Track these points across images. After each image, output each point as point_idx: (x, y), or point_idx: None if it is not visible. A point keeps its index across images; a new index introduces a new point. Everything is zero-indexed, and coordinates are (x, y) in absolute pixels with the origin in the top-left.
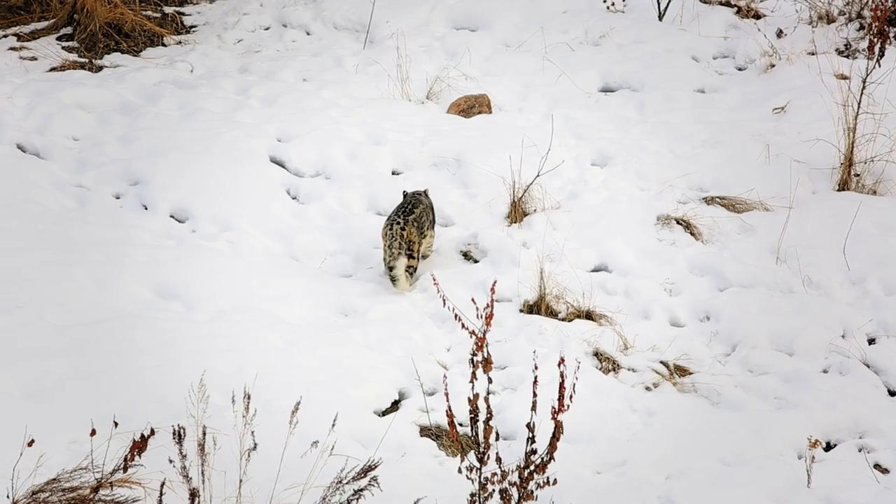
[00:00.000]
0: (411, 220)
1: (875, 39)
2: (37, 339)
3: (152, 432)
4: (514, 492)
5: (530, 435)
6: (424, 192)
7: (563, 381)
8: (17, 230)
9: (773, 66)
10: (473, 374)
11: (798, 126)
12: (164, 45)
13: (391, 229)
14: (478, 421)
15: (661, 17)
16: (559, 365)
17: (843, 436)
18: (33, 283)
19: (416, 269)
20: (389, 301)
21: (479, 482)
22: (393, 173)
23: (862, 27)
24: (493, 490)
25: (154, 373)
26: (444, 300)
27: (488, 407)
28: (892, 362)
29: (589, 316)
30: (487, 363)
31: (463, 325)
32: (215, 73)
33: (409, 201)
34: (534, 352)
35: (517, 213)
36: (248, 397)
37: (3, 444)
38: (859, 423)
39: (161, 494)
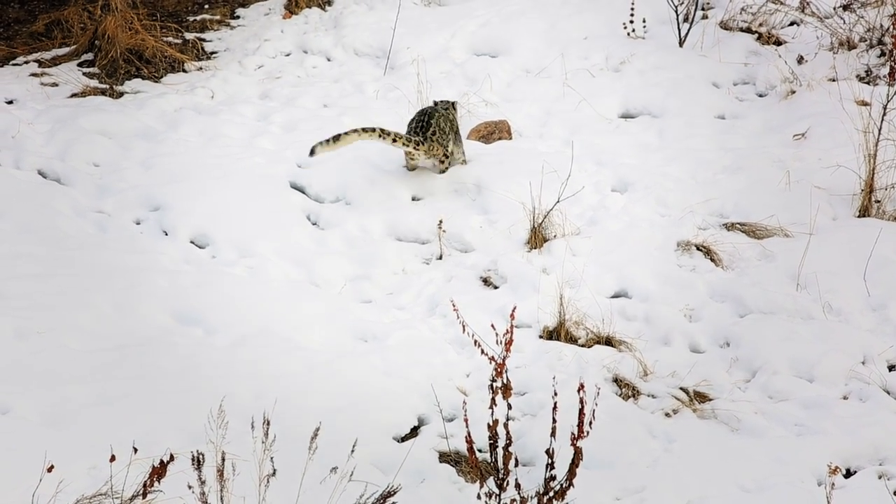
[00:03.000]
0: (429, 135)
1: (895, 66)
2: (57, 364)
3: (172, 458)
4: None
5: (550, 461)
6: (452, 103)
7: (582, 407)
8: (37, 256)
9: (793, 92)
10: (493, 399)
11: (819, 152)
12: (184, 70)
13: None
14: (497, 447)
15: (681, 44)
16: (579, 391)
17: (863, 462)
18: (54, 309)
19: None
20: (409, 327)
21: None
22: (413, 199)
23: (883, 53)
24: None
25: (174, 398)
26: (463, 326)
27: (507, 433)
28: None
29: (609, 342)
30: (507, 389)
31: (482, 351)
32: (236, 98)
33: (424, 113)
34: (553, 378)
35: (537, 239)
36: (268, 423)
37: (23, 469)
38: (879, 449)
39: None
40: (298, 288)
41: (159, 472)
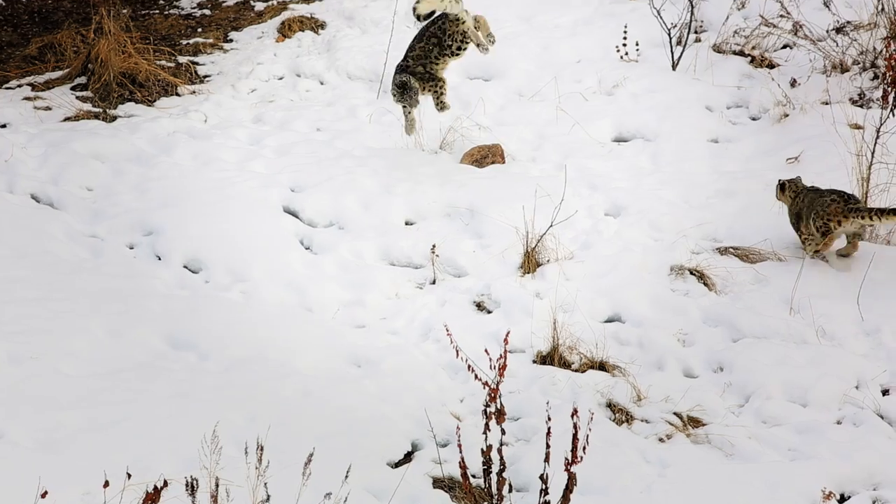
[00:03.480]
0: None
1: (889, 89)
2: (50, 389)
3: (165, 484)
4: None
5: (544, 487)
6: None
7: (576, 432)
8: (31, 280)
9: (786, 115)
10: (487, 425)
11: (812, 176)
12: (178, 94)
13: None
14: (491, 472)
15: (674, 67)
16: (572, 416)
17: (857, 487)
18: (47, 334)
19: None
20: (403, 352)
21: None
22: (406, 223)
23: (876, 77)
24: None
25: (167, 423)
26: (457, 351)
27: (501, 458)
28: None
29: (602, 367)
30: (501, 414)
31: (476, 377)
32: (229, 122)
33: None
34: (547, 403)
35: (530, 263)
36: (261, 448)
37: (16, 495)
38: (874, 474)
39: None
40: (292, 313)
41: (153, 497)
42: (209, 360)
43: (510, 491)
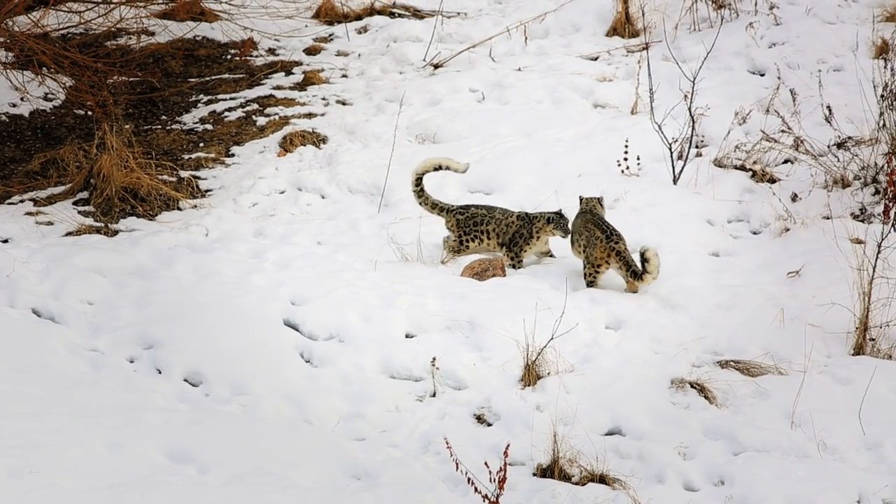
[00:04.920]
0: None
1: (890, 204)
2: None
3: None
4: None
5: None
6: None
7: None
8: (31, 395)
9: (787, 229)
10: None
11: (813, 290)
12: (179, 208)
13: None
14: None
15: (675, 181)
16: None
17: None
18: (47, 448)
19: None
20: (403, 465)
21: None
22: (406, 336)
23: (877, 192)
24: None
25: None
26: (457, 464)
27: None
28: None
29: (602, 480)
30: None
31: (476, 489)
32: (230, 236)
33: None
34: None
35: (531, 376)
36: None
37: None
38: None
39: None
40: (292, 425)
41: None
42: (208, 474)
43: None
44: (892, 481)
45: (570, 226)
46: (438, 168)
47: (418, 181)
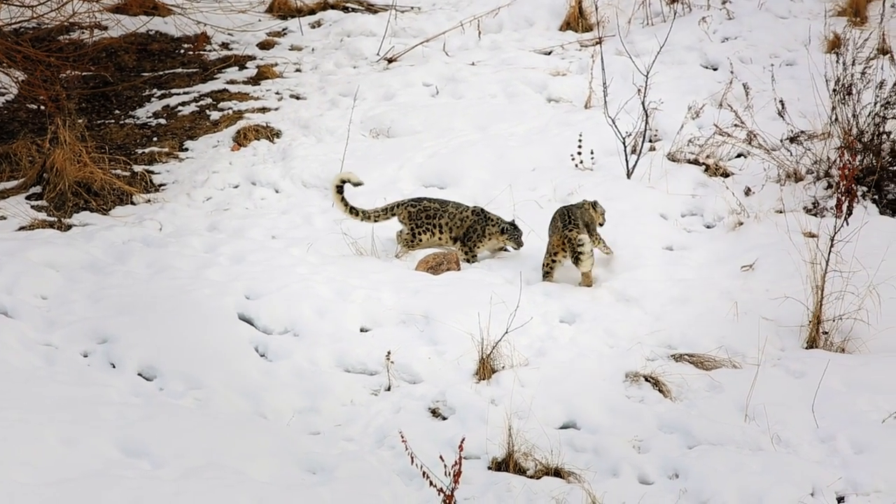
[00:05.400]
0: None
1: (843, 198)
2: (4, 499)
3: None
4: None
5: None
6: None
7: None
8: None
9: (741, 223)
10: None
11: (766, 283)
12: (133, 203)
13: None
14: None
15: (629, 175)
16: None
17: None
18: (1, 443)
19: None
20: (358, 459)
21: None
22: (361, 330)
23: (830, 186)
24: None
25: None
26: (412, 458)
27: None
28: None
29: (557, 473)
30: None
31: (431, 483)
32: (184, 231)
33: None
34: None
35: (485, 370)
36: None
37: None
38: None
39: None
40: (247, 420)
41: None
42: (163, 468)
43: None
44: (846, 474)
45: (522, 239)
46: (345, 182)
47: (347, 204)
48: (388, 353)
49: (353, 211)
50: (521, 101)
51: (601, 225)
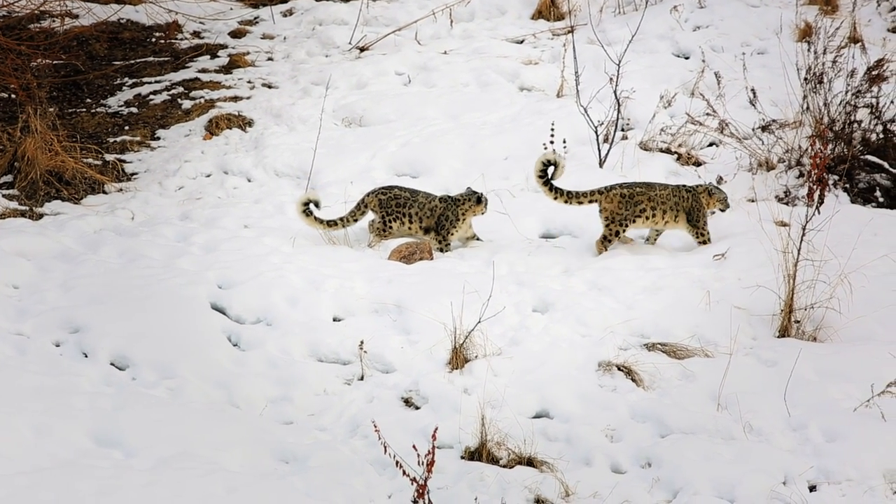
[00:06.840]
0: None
1: (814, 187)
2: None
3: None
4: None
5: None
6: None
7: None
8: None
9: (713, 212)
10: None
11: (738, 272)
12: (105, 192)
13: None
14: None
15: (601, 164)
16: None
17: None
18: None
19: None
20: (331, 448)
21: None
22: (334, 319)
23: (801, 175)
24: None
25: None
26: (385, 447)
27: None
28: None
29: (530, 462)
30: None
31: (404, 472)
32: (156, 220)
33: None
34: (475, 498)
35: (458, 359)
36: None
37: None
38: None
39: None
40: (219, 409)
41: None
42: (135, 458)
43: None
44: (818, 462)
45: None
46: (309, 203)
47: (319, 220)
48: (361, 342)
49: (330, 223)
50: (493, 90)
51: (722, 211)
